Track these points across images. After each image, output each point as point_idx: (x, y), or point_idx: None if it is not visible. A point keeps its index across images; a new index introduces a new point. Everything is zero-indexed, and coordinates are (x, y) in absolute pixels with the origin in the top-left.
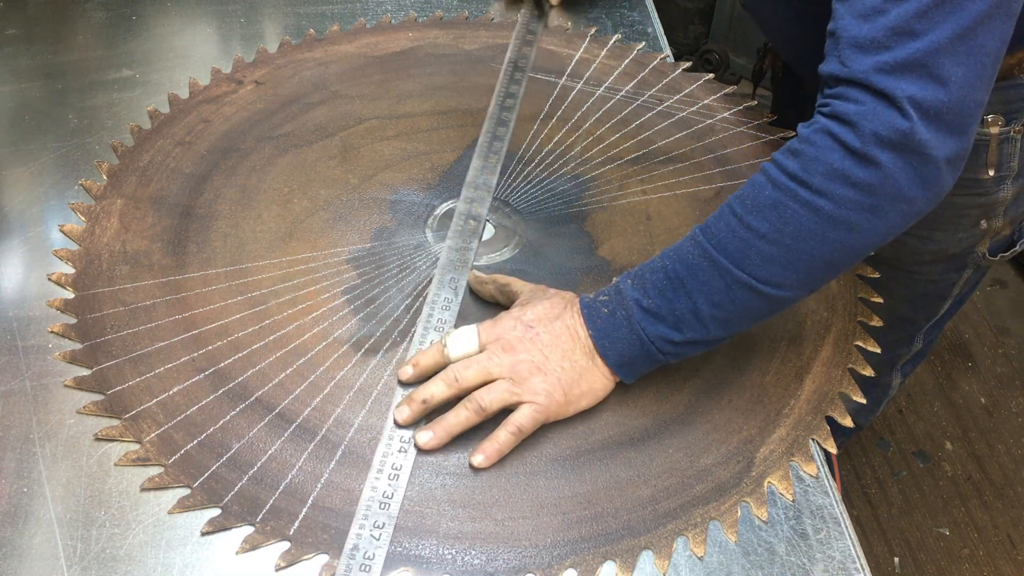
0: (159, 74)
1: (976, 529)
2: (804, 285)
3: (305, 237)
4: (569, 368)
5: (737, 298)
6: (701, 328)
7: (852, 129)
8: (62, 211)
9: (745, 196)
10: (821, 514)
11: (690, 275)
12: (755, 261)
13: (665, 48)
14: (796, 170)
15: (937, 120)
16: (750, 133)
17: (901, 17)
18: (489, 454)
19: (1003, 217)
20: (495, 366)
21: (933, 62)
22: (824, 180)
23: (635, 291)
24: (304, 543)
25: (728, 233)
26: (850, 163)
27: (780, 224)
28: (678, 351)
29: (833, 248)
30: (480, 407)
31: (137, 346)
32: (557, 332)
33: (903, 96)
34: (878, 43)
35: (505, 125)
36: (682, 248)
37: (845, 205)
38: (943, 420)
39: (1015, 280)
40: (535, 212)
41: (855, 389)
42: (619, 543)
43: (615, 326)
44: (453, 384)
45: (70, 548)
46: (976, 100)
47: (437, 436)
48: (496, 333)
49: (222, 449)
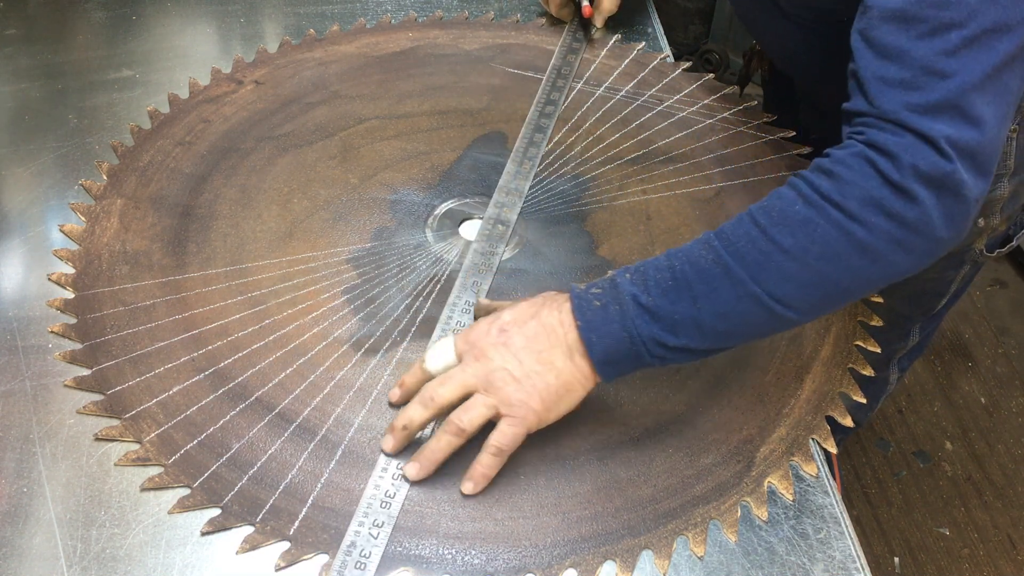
0: (159, 74)
1: (976, 529)
2: (812, 310)
3: (305, 237)
4: (544, 372)
5: (744, 311)
6: (698, 336)
7: (891, 160)
8: (62, 211)
9: (771, 208)
10: (821, 514)
11: (700, 279)
12: (773, 276)
13: (665, 48)
14: (830, 191)
15: (972, 161)
16: (750, 133)
17: (928, 57)
18: (476, 479)
19: (1000, 215)
20: (469, 377)
21: (966, 103)
22: (860, 206)
23: (634, 286)
24: (304, 543)
25: (748, 243)
26: (888, 193)
27: (807, 242)
28: (667, 356)
29: (854, 276)
30: (459, 429)
31: (137, 346)
32: (531, 333)
33: (940, 136)
34: (907, 83)
35: (543, 132)
36: (692, 251)
37: (877, 234)
38: (943, 420)
39: (1015, 280)
40: (535, 212)
41: (855, 388)
42: (619, 543)
43: (606, 320)
44: (430, 404)
45: (70, 548)
46: (1002, 142)
47: (423, 467)
48: (470, 341)
49: (222, 449)
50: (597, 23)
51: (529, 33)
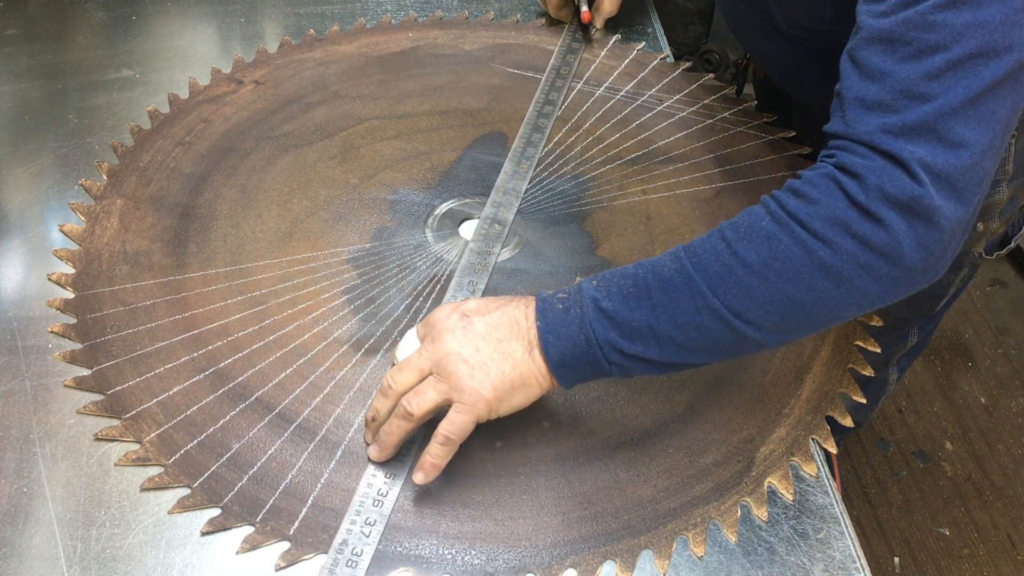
0: (159, 74)
1: (976, 529)
2: (775, 329)
3: (305, 237)
4: (499, 360)
5: (702, 324)
6: (655, 346)
7: (858, 182)
8: (62, 211)
9: (739, 224)
10: (821, 514)
11: (660, 288)
12: (732, 290)
13: (665, 48)
14: (796, 209)
15: (949, 186)
16: (750, 133)
17: (910, 79)
18: (427, 470)
19: (998, 218)
20: (424, 361)
21: (944, 126)
22: (825, 225)
23: (596, 291)
24: (304, 543)
25: (712, 256)
26: (854, 215)
27: (769, 258)
28: (624, 364)
29: (817, 298)
30: (407, 412)
31: (137, 346)
32: (493, 322)
33: (912, 159)
34: (885, 104)
35: (541, 131)
36: (659, 261)
37: (842, 256)
38: (943, 420)
39: (1015, 280)
40: (535, 212)
41: (855, 389)
42: (619, 543)
43: (565, 323)
44: (389, 392)
45: (70, 548)
46: (987, 169)
47: (381, 449)
48: (430, 324)
49: (222, 449)
50: (597, 24)
51: (529, 33)
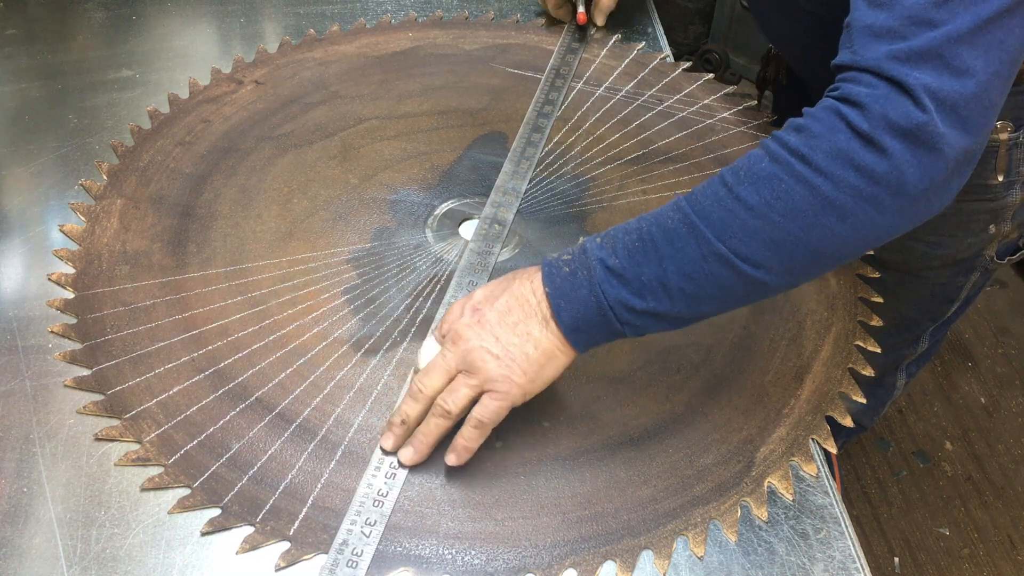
0: (159, 74)
1: (976, 529)
2: (783, 271)
3: (305, 237)
4: (522, 343)
5: (711, 272)
6: (666, 299)
7: (861, 110)
8: (62, 211)
9: (739, 167)
10: (821, 514)
11: (665, 239)
12: (737, 234)
13: (665, 48)
14: (798, 145)
15: (954, 113)
16: (750, 133)
17: (918, 5)
18: (459, 452)
19: (1011, 221)
20: (450, 362)
21: (951, 52)
22: (827, 159)
23: (601, 250)
24: (304, 543)
25: (714, 202)
26: (857, 145)
27: (771, 198)
28: (637, 321)
29: (822, 235)
30: (445, 411)
31: (137, 346)
32: (504, 307)
33: (918, 85)
34: (893, 31)
35: (541, 131)
36: (662, 213)
37: (844, 189)
38: (943, 420)
39: (1015, 280)
40: (535, 212)
41: (855, 389)
42: (619, 543)
43: (574, 286)
44: (419, 396)
45: (70, 548)
46: (993, 99)
47: (417, 450)
48: (447, 326)
49: (222, 449)
50: (598, 21)
51: (529, 33)
